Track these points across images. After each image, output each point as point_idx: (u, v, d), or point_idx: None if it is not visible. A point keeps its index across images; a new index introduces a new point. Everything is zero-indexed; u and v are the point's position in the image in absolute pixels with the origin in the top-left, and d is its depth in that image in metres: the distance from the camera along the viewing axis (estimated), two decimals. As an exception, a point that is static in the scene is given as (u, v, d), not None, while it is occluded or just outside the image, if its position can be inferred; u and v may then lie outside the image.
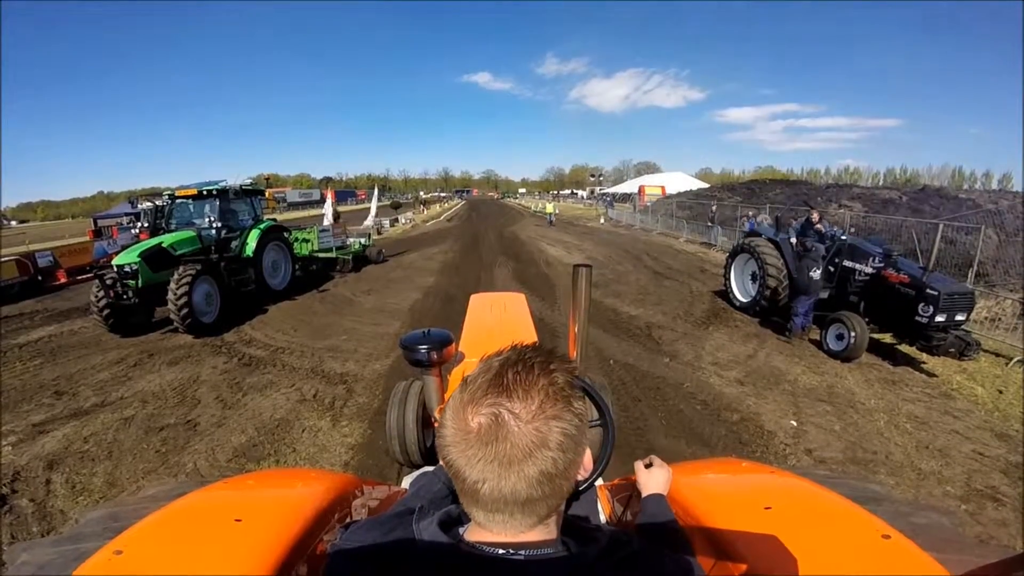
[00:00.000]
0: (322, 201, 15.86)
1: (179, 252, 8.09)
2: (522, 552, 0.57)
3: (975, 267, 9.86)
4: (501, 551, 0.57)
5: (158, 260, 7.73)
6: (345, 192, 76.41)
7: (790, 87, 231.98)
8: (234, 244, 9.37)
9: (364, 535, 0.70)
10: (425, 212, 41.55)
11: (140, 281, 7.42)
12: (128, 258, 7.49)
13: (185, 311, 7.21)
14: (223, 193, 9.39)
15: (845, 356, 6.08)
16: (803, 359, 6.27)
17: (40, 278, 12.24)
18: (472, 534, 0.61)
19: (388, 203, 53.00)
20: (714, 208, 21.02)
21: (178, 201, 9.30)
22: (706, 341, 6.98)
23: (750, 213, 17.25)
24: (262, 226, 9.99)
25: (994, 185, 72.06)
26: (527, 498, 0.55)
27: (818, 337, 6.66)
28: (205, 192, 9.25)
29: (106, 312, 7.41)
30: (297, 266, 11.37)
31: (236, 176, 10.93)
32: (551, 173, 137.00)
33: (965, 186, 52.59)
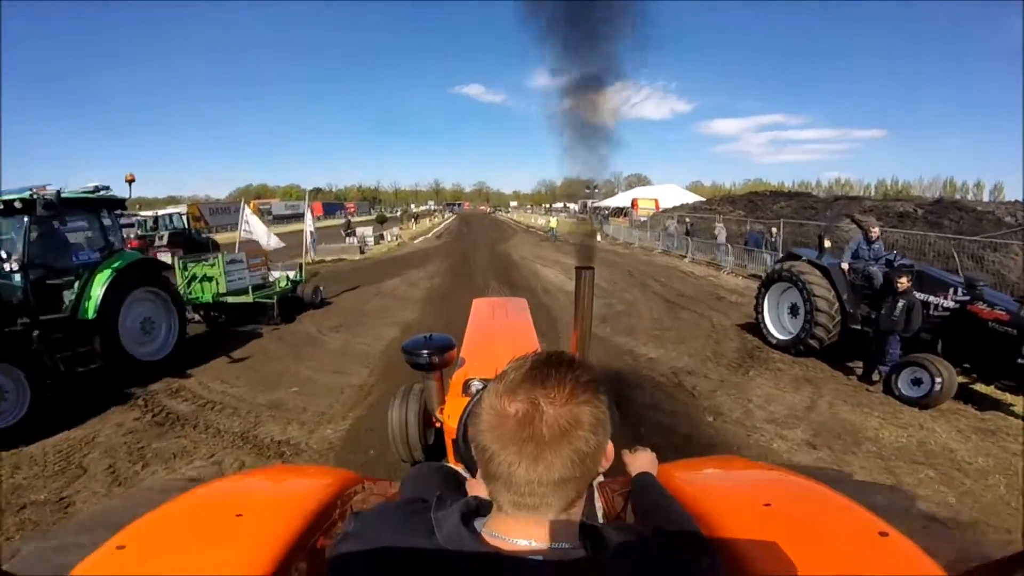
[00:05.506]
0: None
1: None
2: (544, 546, 0.58)
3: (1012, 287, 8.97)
4: (523, 542, 0.58)
5: None
6: (333, 205, 74.78)
7: (774, 98, 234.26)
8: (66, 296, 5.73)
9: (377, 523, 0.68)
10: (413, 227, 40.06)
11: None
12: None
13: None
14: (29, 207, 5.17)
15: (923, 404, 5.06)
16: (873, 408, 5.17)
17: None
18: (495, 523, 0.61)
19: (374, 217, 51.66)
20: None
21: None
22: (750, 390, 5.72)
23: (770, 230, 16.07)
24: (116, 264, 6.04)
25: (985, 196, 72.88)
26: (560, 477, 0.56)
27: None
28: (1, 206, 5.26)
29: None
30: (198, 315, 8.49)
31: (100, 179, 6.68)
32: (542, 186, 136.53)
33: (957, 196, 52.67)
